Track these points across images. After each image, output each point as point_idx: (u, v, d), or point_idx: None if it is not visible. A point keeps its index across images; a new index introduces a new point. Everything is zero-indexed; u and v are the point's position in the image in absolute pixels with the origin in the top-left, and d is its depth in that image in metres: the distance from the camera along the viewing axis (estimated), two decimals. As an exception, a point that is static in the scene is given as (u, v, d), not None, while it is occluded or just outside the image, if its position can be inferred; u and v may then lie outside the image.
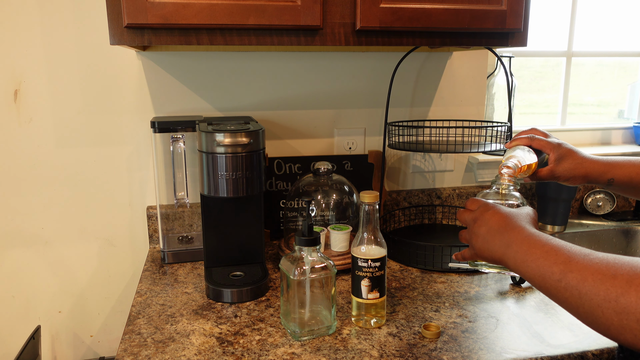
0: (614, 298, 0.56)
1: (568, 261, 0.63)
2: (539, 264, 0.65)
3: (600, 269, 0.59)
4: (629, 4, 1.75)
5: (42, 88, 1.23)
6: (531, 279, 0.67)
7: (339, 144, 1.43)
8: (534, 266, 0.66)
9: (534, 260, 0.66)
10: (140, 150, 1.31)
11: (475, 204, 0.82)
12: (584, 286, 0.59)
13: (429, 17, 1.01)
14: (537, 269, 0.65)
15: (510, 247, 0.71)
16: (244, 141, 1.00)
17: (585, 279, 0.60)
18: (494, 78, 1.52)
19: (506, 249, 0.71)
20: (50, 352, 1.36)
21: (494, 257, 0.74)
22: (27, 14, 1.19)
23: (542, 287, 0.65)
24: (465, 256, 0.83)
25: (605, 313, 0.57)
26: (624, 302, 0.55)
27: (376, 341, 0.87)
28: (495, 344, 0.87)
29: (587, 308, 0.59)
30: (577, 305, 0.60)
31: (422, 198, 1.50)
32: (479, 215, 0.78)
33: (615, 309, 0.56)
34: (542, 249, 0.66)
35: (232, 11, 0.92)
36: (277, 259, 1.24)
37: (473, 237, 0.78)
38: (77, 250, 1.33)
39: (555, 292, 0.63)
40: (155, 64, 1.28)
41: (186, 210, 1.31)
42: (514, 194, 0.87)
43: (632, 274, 0.56)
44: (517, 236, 0.71)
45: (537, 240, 0.68)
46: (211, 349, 0.85)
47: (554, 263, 0.64)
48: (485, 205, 0.79)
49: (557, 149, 0.93)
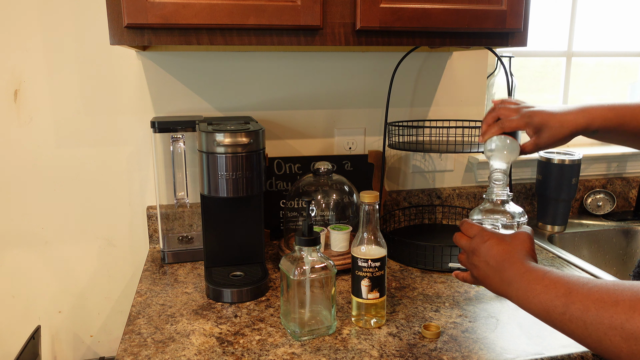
0: (619, 325, 0.56)
1: (569, 293, 0.63)
2: (540, 300, 0.65)
3: (601, 297, 0.59)
4: (629, 4, 1.75)
5: (42, 88, 1.23)
6: (536, 314, 0.67)
7: (339, 144, 1.43)
8: (536, 302, 0.66)
9: (536, 297, 0.66)
10: (140, 150, 1.31)
11: (471, 229, 0.82)
12: (588, 316, 0.59)
13: (429, 17, 1.01)
14: (540, 305, 0.66)
15: (510, 285, 0.71)
16: (244, 141, 1.00)
17: (588, 308, 0.59)
18: (494, 78, 1.52)
19: (507, 287, 0.72)
20: (50, 352, 1.36)
21: (497, 292, 0.75)
22: (27, 14, 1.19)
23: (548, 321, 0.65)
24: (467, 280, 0.84)
25: (613, 341, 0.56)
26: (630, 328, 0.55)
27: (376, 341, 0.87)
28: (495, 344, 0.87)
29: (595, 337, 0.58)
30: (584, 335, 0.60)
31: (422, 198, 1.50)
32: (477, 246, 0.78)
33: (622, 336, 0.55)
34: (542, 284, 0.67)
35: (232, 11, 0.92)
36: (277, 259, 1.24)
37: (473, 269, 0.79)
38: (77, 250, 1.33)
39: (561, 325, 0.63)
40: (155, 64, 1.28)
41: (186, 210, 1.31)
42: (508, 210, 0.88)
43: (634, 299, 0.56)
44: (515, 273, 0.71)
45: (536, 275, 0.68)
46: (211, 349, 0.85)
47: (555, 297, 0.64)
48: (481, 234, 0.79)
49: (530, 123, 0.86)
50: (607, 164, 1.65)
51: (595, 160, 1.63)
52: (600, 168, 1.65)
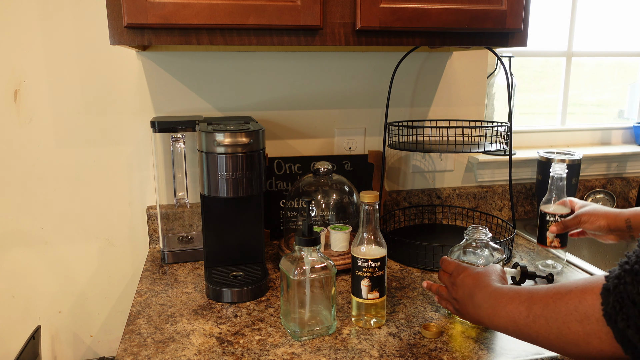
0: (573, 308, 0.60)
1: (530, 297, 0.67)
2: (507, 310, 0.70)
3: (558, 291, 0.63)
4: (629, 4, 1.75)
5: (42, 88, 1.23)
6: (505, 327, 0.71)
7: (339, 144, 1.43)
8: (503, 314, 0.70)
9: (502, 308, 0.71)
10: (140, 150, 1.31)
11: (449, 266, 0.88)
12: (547, 311, 0.63)
13: (429, 17, 1.01)
14: (507, 315, 0.70)
15: (481, 307, 0.76)
16: (244, 141, 1.00)
17: (547, 304, 0.64)
18: (494, 78, 1.52)
19: (479, 310, 0.76)
20: (50, 352, 1.36)
21: (472, 320, 0.80)
22: (27, 14, 1.19)
23: (516, 331, 0.69)
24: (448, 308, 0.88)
25: (571, 327, 0.60)
26: (583, 308, 0.59)
27: (376, 341, 0.87)
28: (495, 344, 0.87)
29: (556, 331, 0.62)
30: (547, 332, 0.63)
31: (422, 198, 1.50)
32: (454, 280, 0.84)
33: (577, 319, 0.59)
34: (507, 296, 0.71)
35: (232, 11, 0.92)
36: (277, 259, 1.24)
37: (455, 303, 0.84)
38: (77, 250, 1.33)
39: (527, 329, 0.67)
40: (155, 64, 1.28)
41: (186, 210, 1.31)
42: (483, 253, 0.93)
43: (586, 284, 0.60)
44: (484, 295, 0.76)
45: (501, 292, 0.74)
46: (211, 349, 0.85)
47: (519, 304, 0.68)
48: (457, 268, 0.85)
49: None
50: (607, 164, 1.65)
51: (595, 160, 1.63)
52: (600, 168, 1.65)
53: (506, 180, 1.55)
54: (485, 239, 0.93)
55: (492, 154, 1.52)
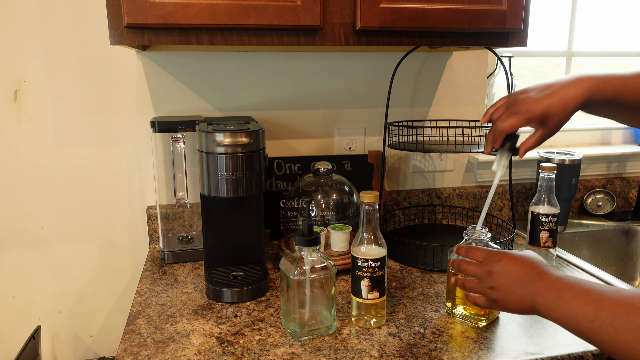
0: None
1: (599, 299, 0.61)
2: (570, 307, 0.64)
3: (632, 302, 0.58)
4: (629, 4, 1.75)
5: (42, 88, 1.23)
6: (565, 323, 0.66)
7: (339, 144, 1.43)
8: (565, 309, 0.65)
9: (565, 304, 0.65)
10: (140, 150, 1.31)
11: (478, 253, 0.80)
12: (619, 322, 0.58)
13: (429, 17, 1.01)
14: (569, 312, 0.64)
15: (540, 294, 0.69)
16: (244, 141, 1.00)
17: (619, 314, 0.58)
18: (494, 78, 1.52)
19: (536, 297, 0.70)
20: (50, 352, 1.36)
21: (522, 307, 0.73)
22: (27, 14, 1.19)
23: (576, 330, 0.64)
24: (481, 304, 0.80)
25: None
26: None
27: (376, 341, 0.87)
28: (495, 344, 0.87)
29: (624, 345, 0.57)
30: (614, 343, 0.59)
31: (422, 198, 1.50)
32: (491, 268, 0.76)
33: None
34: (572, 291, 0.65)
35: (232, 11, 0.92)
36: (277, 259, 1.24)
37: (491, 292, 0.76)
38: (77, 250, 1.33)
39: (591, 333, 0.62)
40: (155, 64, 1.28)
41: (186, 210, 1.31)
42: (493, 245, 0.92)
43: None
44: (544, 282, 0.70)
45: (566, 284, 0.67)
46: (211, 349, 0.85)
47: (585, 303, 0.63)
48: (492, 255, 0.78)
49: (532, 117, 0.79)
50: (607, 164, 1.65)
51: (595, 160, 1.63)
52: (600, 168, 1.65)
53: (506, 180, 1.55)
54: (485, 239, 0.93)
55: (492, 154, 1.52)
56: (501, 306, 0.76)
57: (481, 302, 0.80)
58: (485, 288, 0.77)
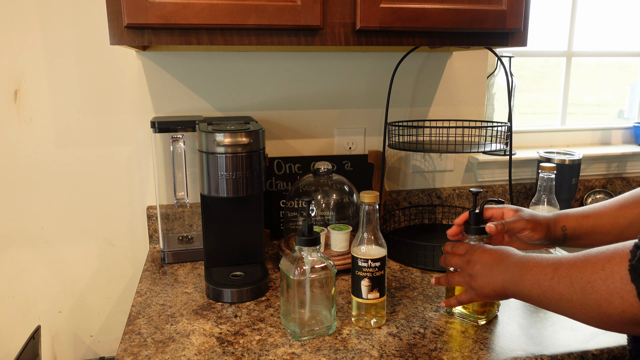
0: (600, 267, 0.61)
1: (558, 261, 0.69)
2: (533, 274, 0.71)
3: (587, 255, 0.65)
4: (629, 4, 1.75)
5: (42, 88, 1.23)
6: (529, 290, 0.72)
7: (339, 144, 1.43)
8: (529, 277, 0.72)
9: (528, 272, 0.72)
10: (140, 150, 1.31)
11: (462, 247, 0.88)
12: (573, 271, 0.65)
13: (429, 17, 1.01)
14: (532, 278, 0.71)
15: (507, 272, 0.77)
16: (244, 141, 1.00)
17: (574, 265, 0.65)
18: (494, 78, 1.52)
19: (504, 275, 0.77)
20: (50, 352, 1.36)
21: (495, 289, 0.79)
22: (27, 14, 1.19)
23: (540, 296, 0.70)
24: (462, 300, 0.87)
25: (595, 287, 0.61)
26: (609, 266, 0.60)
27: (376, 341, 0.87)
28: (495, 344, 0.87)
29: (579, 291, 0.63)
30: (570, 293, 0.65)
31: (422, 198, 1.50)
32: (470, 257, 0.84)
33: (602, 277, 0.60)
34: (534, 261, 0.73)
35: (232, 11, 0.92)
36: (277, 259, 1.24)
37: (470, 279, 0.83)
38: (77, 250, 1.33)
39: (551, 291, 0.68)
40: (155, 64, 1.28)
41: (186, 210, 1.31)
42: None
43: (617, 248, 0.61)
44: (510, 262, 0.77)
45: (529, 258, 0.75)
46: (211, 349, 0.85)
47: (545, 266, 0.70)
48: (472, 246, 0.86)
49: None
50: (607, 164, 1.65)
51: (595, 160, 1.63)
52: (600, 168, 1.65)
53: (506, 180, 1.55)
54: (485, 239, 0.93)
55: (492, 154, 1.52)
56: (479, 292, 0.82)
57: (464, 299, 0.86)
58: (466, 276, 0.85)
